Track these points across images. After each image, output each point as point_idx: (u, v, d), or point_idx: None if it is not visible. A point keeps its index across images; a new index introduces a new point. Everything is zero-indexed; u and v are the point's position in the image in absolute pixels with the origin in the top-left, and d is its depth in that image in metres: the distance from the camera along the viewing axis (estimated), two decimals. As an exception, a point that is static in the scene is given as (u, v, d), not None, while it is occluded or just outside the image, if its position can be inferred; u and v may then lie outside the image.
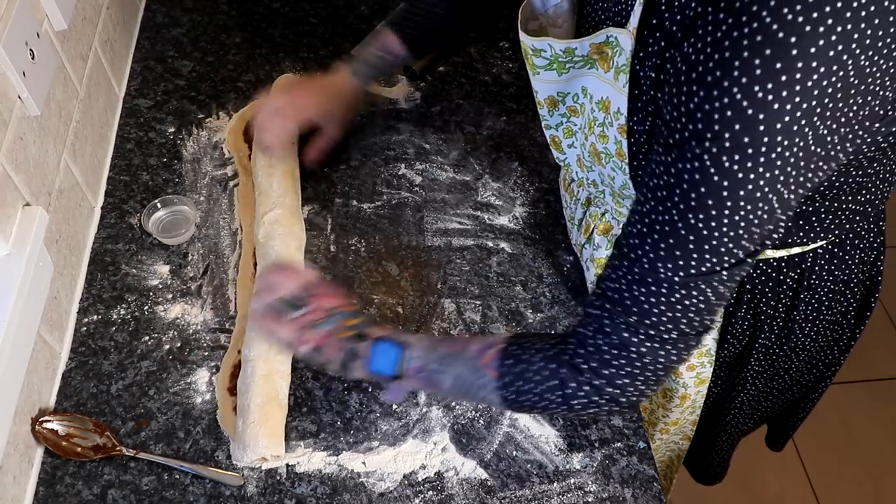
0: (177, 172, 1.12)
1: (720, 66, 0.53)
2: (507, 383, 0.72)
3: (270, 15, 1.35)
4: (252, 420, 0.84)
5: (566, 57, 0.76)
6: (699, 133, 0.56)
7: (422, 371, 0.76)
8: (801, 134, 0.53)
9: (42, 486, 0.83)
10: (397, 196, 1.11)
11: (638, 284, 0.64)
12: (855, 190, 0.74)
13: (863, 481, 1.85)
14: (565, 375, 0.69)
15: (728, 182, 0.56)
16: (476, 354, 0.75)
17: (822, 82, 0.51)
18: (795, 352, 0.97)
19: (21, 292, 0.79)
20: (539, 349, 0.72)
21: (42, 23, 0.93)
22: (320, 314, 0.80)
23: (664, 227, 0.61)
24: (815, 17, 0.49)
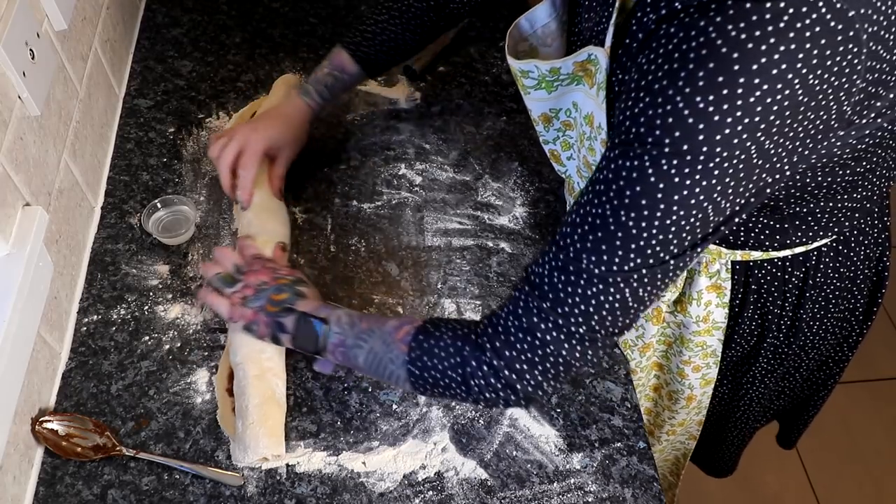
0: (177, 172, 1.12)
1: (667, 75, 0.55)
2: (414, 358, 0.73)
3: (270, 15, 1.35)
4: (251, 421, 0.84)
5: (552, 76, 0.79)
6: (641, 136, 0.57)
7: (340, 346, 0.78)
8: (742, 147, 0.55)
9: (42, 486, 0.83)
10: (397, 196, 1.11)
11: (559, 272, 0.65)
12: (849, 188, 0.74)
13: (863, 481, 1.85)
14: (468, 354, 0.70)
15: (663, 185, 0.57)
16: (392, 330, 0.76)
17: (766, 99, 0.52)
18: (805, 350, 0.97)
19: (21, 292, 0.79)
20: (453, 328, 0.73)
21: (42, 23, 0.93)
22: (250, 290, 0.84)
23: (595, 220, 0.62)
24: (758, 35, 0.51)
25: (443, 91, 1.24)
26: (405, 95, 1.24)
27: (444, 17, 1.04)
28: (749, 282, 0.88)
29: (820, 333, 0.94)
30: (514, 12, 1.35)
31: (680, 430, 1.11)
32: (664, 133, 0.55)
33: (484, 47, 1.31)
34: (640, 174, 0.58)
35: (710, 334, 0.93)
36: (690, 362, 0.97)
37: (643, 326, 0.96)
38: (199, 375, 0.92)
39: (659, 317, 0.95)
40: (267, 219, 1.00)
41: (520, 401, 0.71)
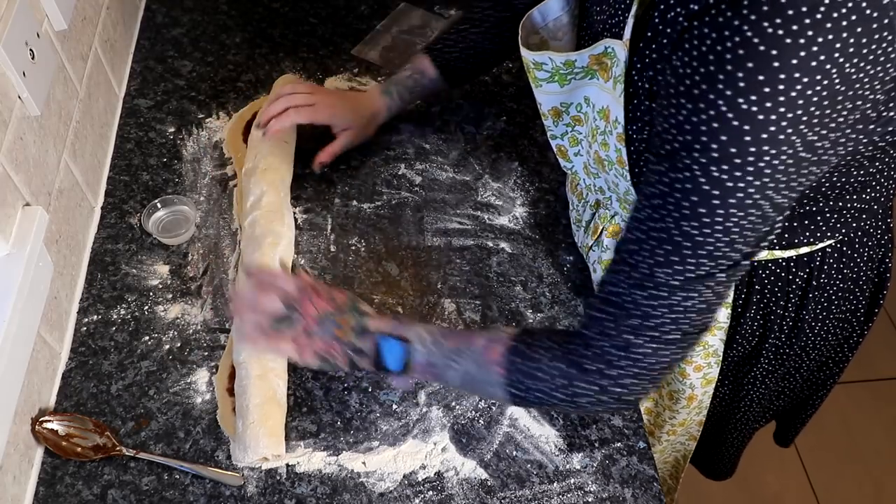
0: (177, 172, 1.12)
1: (706, 79, 0.55)
2: (514, 381, 0.73)
3: (270, 15, 1.35)
4: (252, 420, 0.84)
5: (567, 69, 0.78)
6: (688, 144, 0.57)
7: (429, 367, 0.77)
8: (788, 142, 0.55)
9: (42, 486, 0.83)
10: (397, 196, 1.11)
11: (638, 288, 0.65)
12: (858, 189, 0.74)
13: (863, 481, 1.85)
14: (573, 375, 0.70)
15: (718, 191, 0.57)
16: (483, 350, 0.75)
17: (807, 91, 0.52)
18: (806, 351, 0.97)
19: (21, 292, 0.79)
20: (546, 348, 0.73)
21: (42, 23, 0.93)
22: (312, 321, 0.78)
23: (660, 234, 0.62)
24: (795, 29, 0.50)
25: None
26: (405, 95, 1.24)
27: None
28: (753, 282, 0.88)
29: (821, 334, 0.94)
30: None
31: (681, 429, 1.11)
32: (711, 139, 0.56)
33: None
34: (693, 184, 0.58)
35: (711, 334, 0.93)
36: (692, 362, 0.97)
37: None
38: (199, 375, 0.92)
39: None
40: (273, 219, 1.00)
41: (629, 406, 0.73)
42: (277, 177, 1.05)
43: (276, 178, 1.05)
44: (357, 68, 1.27)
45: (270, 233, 0.99)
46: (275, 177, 1.05)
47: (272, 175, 1.05)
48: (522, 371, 0.73)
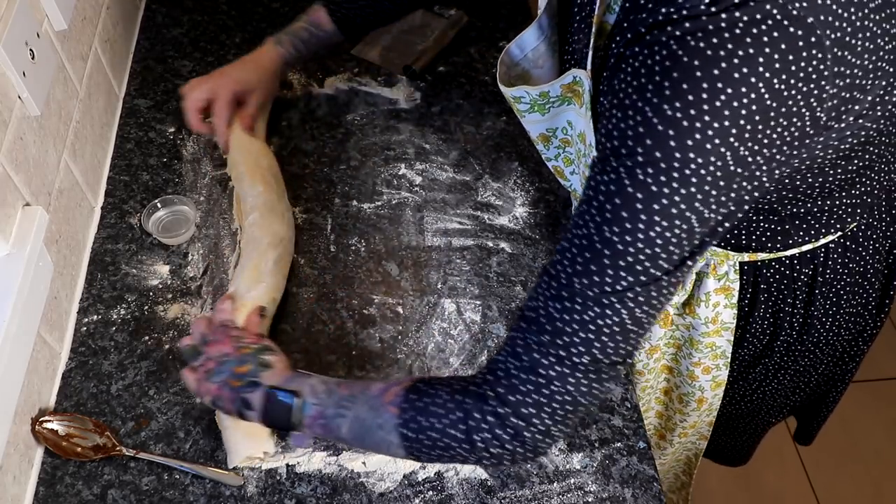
0: (177, 172, 1.12)
1: (637, 90, 0.56)
2: (407, 420, 0.68)
3: (270, 15, 1.35)
4: (226, 425, 0.84)
5: (543, 99, 0.80)
6: (616, 149, 0.58)
7: (319, 418, 0.73)
8: (716, 153, 0.55)
9: (42, 486, 0.83)
10: (397, 196, 1.11)
11: (554, 300, 0.63)
12: (846, 185, 0.74)
13: (863, 481, 1.85)
14: (470, 406, 0.66)
15: (642, 195, 0.57)
16: (378, 393, 0.71)
17: (733, 103, 0.53)
18: (819, 346, 0.97)
19: (21, 292, 0.79)
20: (448, 384, 0.69)
21: (42, 23, 0.93)
22: (212, 363, 0.79)
23: (582, 241, 0.61)
24: (715, 42, 0.52)
25: (443, 91, 1.24)
26: (405, 95, 1.24)
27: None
28: (758, 282, 0.88)
29: (833, 329, 0.94)
30: (515, 12, 1.36)
31: (692, 431, 1.11)
32: (636, 143, 0.56)
33: (484, 47, 1.31)
34: (618, 187, 0.58)
35: (719, 335, 0.93)
36: (700, 364, 0.97)
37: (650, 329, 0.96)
38: (199, 375, 0.92)
39: (667, 319, 0.94)
40: (273, 220, 1.00)
41: (527, 453, 0.67)
42: (267, 171, 1.05)
43: (266, 173, 1.05)
44: (357, 68, 1.27)
45: (270, 232, 0.98)
46: (265, 173, 1.05)
47: (262, 172, 1.04)
48: (417, 408, 0.68)
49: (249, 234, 0.98)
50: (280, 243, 0.98)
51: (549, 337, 0.64)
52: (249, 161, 1.06)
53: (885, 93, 0.62)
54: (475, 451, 0.67)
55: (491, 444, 0.66)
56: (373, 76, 1.26)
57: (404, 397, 0.69)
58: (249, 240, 0.98)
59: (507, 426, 0.65)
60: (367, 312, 0.98)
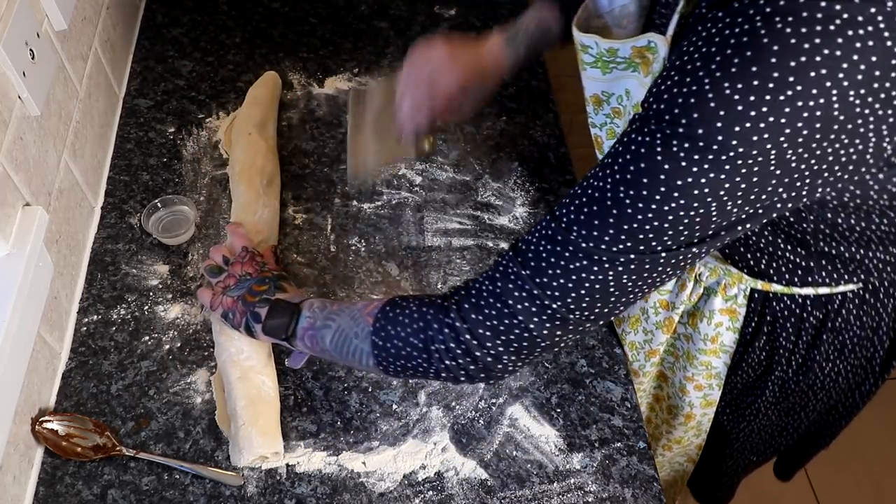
0: (177, 172, 1.12)
1: (702, 57, 0.52)
2: (378, 328, 0.71)
3: (270, 15, 1.35)
4: (242, 423, 0.84)
5: (609, 56, 0.74)
6: (660, 112, 0.54)
7: (309, 329, 0.77)
8: (760, 148, 0.51)
9: (42, 486, 0.83)
10: (397, 196, 1.11)
11: (547, 241, 0.62)
12: (885, 240, 0.71)
13: (863, 481, 1.85)
14: (431, 317, 0.68)
15: (669, 166, 0.54)
16: (362, 306, 0.75)
17: (797, 102, 0.49)
18: (813, 390, 0.94)
19: (21, 292, 0.79)
20: (421, 297, 0.71)
21: (42, 23, 0.93)
22: (233, 280, 0.85)
23: (594, 193, 0.59)
24: (804, 31, 0.48)
25: (443, 91, 1.24)
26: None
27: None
28: (765, 312, 0.85)
29: (831, 376, 0.91)
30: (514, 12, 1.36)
31: (677, 447, 1.08)
32: (682, 112, 0.52)
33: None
34: (648, 151, 0.55)
35: (716, 355, 0.92)
36: (693, 380, 0.96)
37: (653, 333, 0.95)
38: (199, 375, 0.92)
39: (670, 326, 0.93)
40: (245, 220, 1.01)
41: (479, 373, 0.68)
42: (254, 171, 1.06)
43: (252, 174, 1.05)
44: (357, 68, 1.27)
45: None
46: (251, 173, 1.05)
47: (248, 173, 1.05)
48: (389, 318, 0.71)
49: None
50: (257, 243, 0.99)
51: (530, 272, 0.63)
52: (245, 161, 1.06)
53: None
54: (432, 361, 0.69)
55: (445, 355, 0.68)
56: (373, 76, 1.26)
57: (381, 308, 0.73)
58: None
59: (461, 342, 0.67)
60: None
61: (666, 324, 0.93)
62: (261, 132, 1.10)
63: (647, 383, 1.04)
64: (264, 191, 1.04)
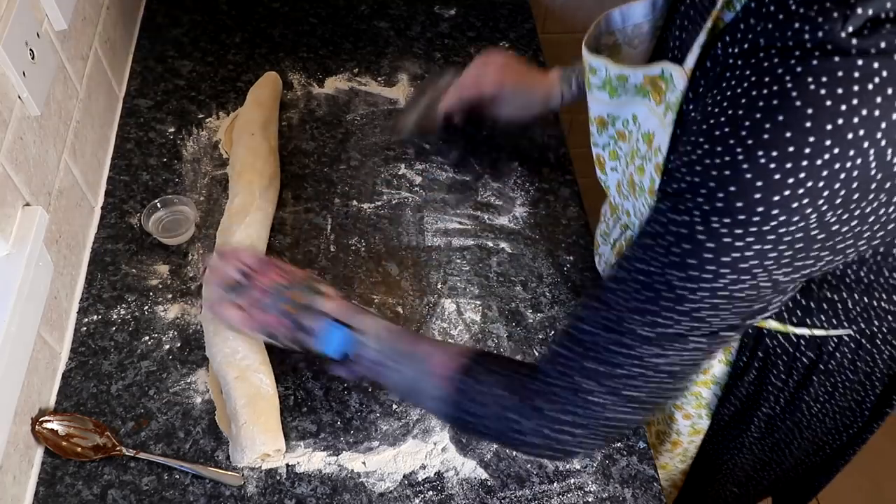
0: (177, 172, 1.12)
1: (731, 121, 0.50)
2: (458, 400, 0.69)
3: (270, 15, 1.35)
4: (243, 421, 0.84)
5: (618, 82, 0.72)
6: (695, 186, 0.53)
7: (375, 364, 0.74)
8: (801, 214, 0.50)
9: (42, 486, 0.83)
10: (397, 196, 1.11)
11: (607, 331, 0.61)
12: (889, 290, 0.70)
13: (863, 481, 1.85)
14: (514, 407, 0.66)
15: (713, 244, 0.53)
16: (435, 362, 0.72)
17: (835, 165, 0.47)
18: (799, 427, 0.93)
19: (21, 292, 0.79)
20: (498, 373, 0.69)
21: (42, 23, 0.93)
22: (263, 293, 0.78)
23: (643, 277, 0.58)
24: (840, 93, 0.46)
25: (443, 91, 1.24)
26: (405, 95, 1.24)
27: None
28: (757, 348, 0.84)
29: (819, 416, 0.90)
30: (515, 12, 1.36)
31: (662, 473, 1.07)
32: (718, 186, 0.51)
33: (484, 47, 1.31)
34: (689, 230, 0.53)
35: (706, 386, 0.91)
36: (682, 408, 0.96)
37: None
38: (199, 375, 0.92)
39: None
40: (233, 223, 1.00)
41: (558, 457, 0.70)
42: (254, 173, 1.05)
43: (253, 177, 1.05)
44: (357, 68, 1.27)
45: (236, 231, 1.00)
46: (252, 176, 1.05)
47: (248, 174, 1.05)
48: (466, 392, 0.69)
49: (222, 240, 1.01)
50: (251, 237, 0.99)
51: (598, 366, 0.61)
52: (246, 161, 1.06)
53: None
54: (511, 442, 0.70)
55: (526, 444, 0.68)
56: (373, 76, 1.26)
57: (460, 379, 0.70)
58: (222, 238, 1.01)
59: (545, 435, 0.65)
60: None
61: None
62: (262, 133, 1.10)
63: None
64: (261, 193, 1.04)
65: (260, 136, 1.09)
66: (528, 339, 0.97)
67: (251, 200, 1.02)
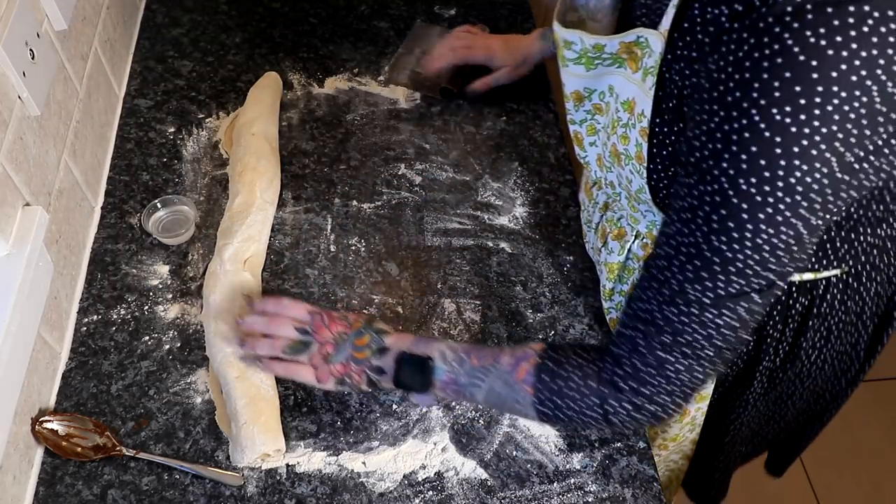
0: (177, 172, 1.12)
1: (740, 86, 0.52)
2: (544, 399, 0.73)
3: (270, 15, 1.35)
4: (243, 421, 0.84)
5: (595, 53, 0.75)
6: (718, 153, 0.56)
7: (452, 384, 0.77)
8: (822, 160, 0.53)
9: (42, 486, 0.83)
10: (397, 196, 1.11)
11: (668, 305, 0.65)
12: (874, 223, 0.72)
13: (863, 481, 1.85)
14: (605, 394, 0.70)
15: (747, 205, 0.56)
16: (509, 369, 0.75)
17: (844, 107, 0.50)
18: (800, 378, 0.95)
19: (21, 292, 0.79)
20: (576, 366, 0.72)
21: (42, 23, 0.93)
22: (330, 346, 0.80)
23: (690, 249, 0.61)
24: (839, 41, 0.49)
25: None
26: (405, 95, 1.24)
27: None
28: None
29: (817, 363, 0.92)
30: (515, 12, 1.36)
31: (673, 445, 1.08)
32: (741, 149, 0.54)
33: (484, 47, 1.31)
34: (722, 197, 0.57)
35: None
36: None
37: None
38: (199, 375, 0.92)
39: None
40: (238, 219, 1.01)
41: (659, 421, 0.72)
42: (255, 173, 1.05)
43: (254, 177, 1.05)
44: (357, 68, 1.27)
45: (235, 235, 0.99)
46: (253, 176, 1.05)
47: (249, 175, 1.05)
48: (552, 390, 0.72)
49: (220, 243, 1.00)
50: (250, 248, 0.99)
51: (671, 338, 0.66)
52: (247, 162, 1.06)
53: None
54: (612, 425, 0.72)
55: (627, 422, 0.71)
56: (373, 76, 1.26)
57: (537, 377, 0.73)
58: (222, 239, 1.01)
59: (644, 410, 0.70)
60: (367, 312, 0.99)
61: None
62: (262, 133, 1.11)
63: None
64: (262, 193, 1.04)
65: (260, 136, 1.09)
66: (528, 339, 0.97)
67: (252, 200, 1.02)
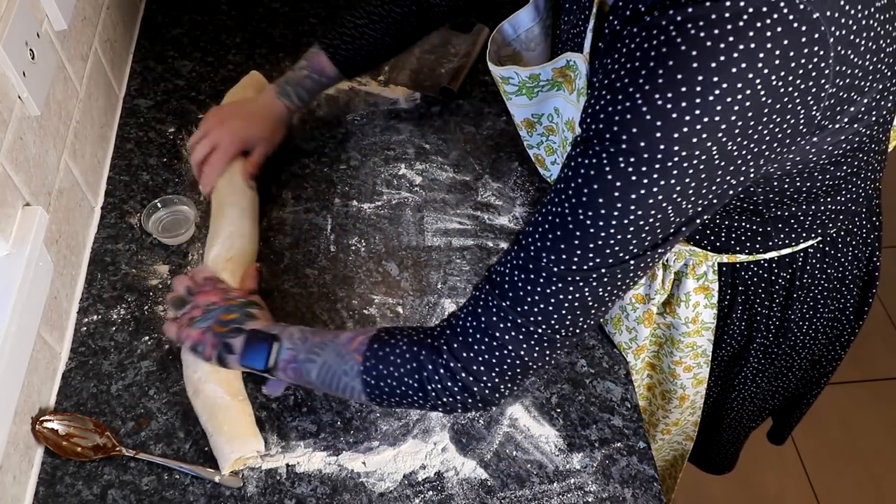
0: (177, 172, 1.12)
1: (629, 74, 0.55)
2: (369, 367, 0.72)
3: (270, 15, 1.35)
4: (210, 435, 0.85)
5: (532, 82, 0.78)
6: (600, 132, 0.57)
7: (292, 362, 0.77)
8: (702, 147, 0.54)
9: (42, 486, 0.83)
10: (397, 196, 1.11)
11: (520, 270, 0.64)
12: (832, 192, 0.74)
13: (863, 481, 1.85)
14: (424, 358, 0.70)
15: (620, 183, 0.57)
16: (346, 341, 0.75)
17: (726, 98, 0.52)
18: (795, 349, 0.97)
19: (21, 292, 0.79)
20: (408, 334, 0.72)
21: (42, 23, 0.93)
22: (198, 311, 0.82)
23: (555, 219, 0.62)
24: (716, 33, 0.50)
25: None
26: (405, 95, 1.24)
27: (426, 21, 1.05)
28: (736, 283, 0.88)
29: (810, 333, 0.94)
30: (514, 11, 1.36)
31: (675, 429, 1.11)
32: (622, 129, 0.55)
33: (484, 47, 1.31)
34: (597, 172, 0.58)
35: (699, 335, 0.93)
36: (682, 363, 0.97)
37: (636, 329, 0.95)
38: (199, 375, 0.92)
39: (650, 319, 0.94)
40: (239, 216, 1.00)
41: (476, 404, 0.70)
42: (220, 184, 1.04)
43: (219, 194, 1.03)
44: (357, 68, 1.27)
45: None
46: (218, 195, 1.03)
47: (215, 196, 1.03)
48: (379, 356, 0.72)
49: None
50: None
51: (509, 304, 0.65)
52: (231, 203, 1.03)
53: (880, 97, 0.61)
54: (428, 398, 0.71)
55: (442, 394, 0.70)
56: (373, 76, 1.26)
57: (368, 346, 0.73)
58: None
59: (458, 380, 0.68)
60: (367, 312, 0.99)
61: (646, 317, 0.94)
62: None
63: (639, 377, 1.05)
64: (225, 187, 1.03)
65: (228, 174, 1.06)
66: (528, 339, 0.97)
67: (220, 202, 1.02)
